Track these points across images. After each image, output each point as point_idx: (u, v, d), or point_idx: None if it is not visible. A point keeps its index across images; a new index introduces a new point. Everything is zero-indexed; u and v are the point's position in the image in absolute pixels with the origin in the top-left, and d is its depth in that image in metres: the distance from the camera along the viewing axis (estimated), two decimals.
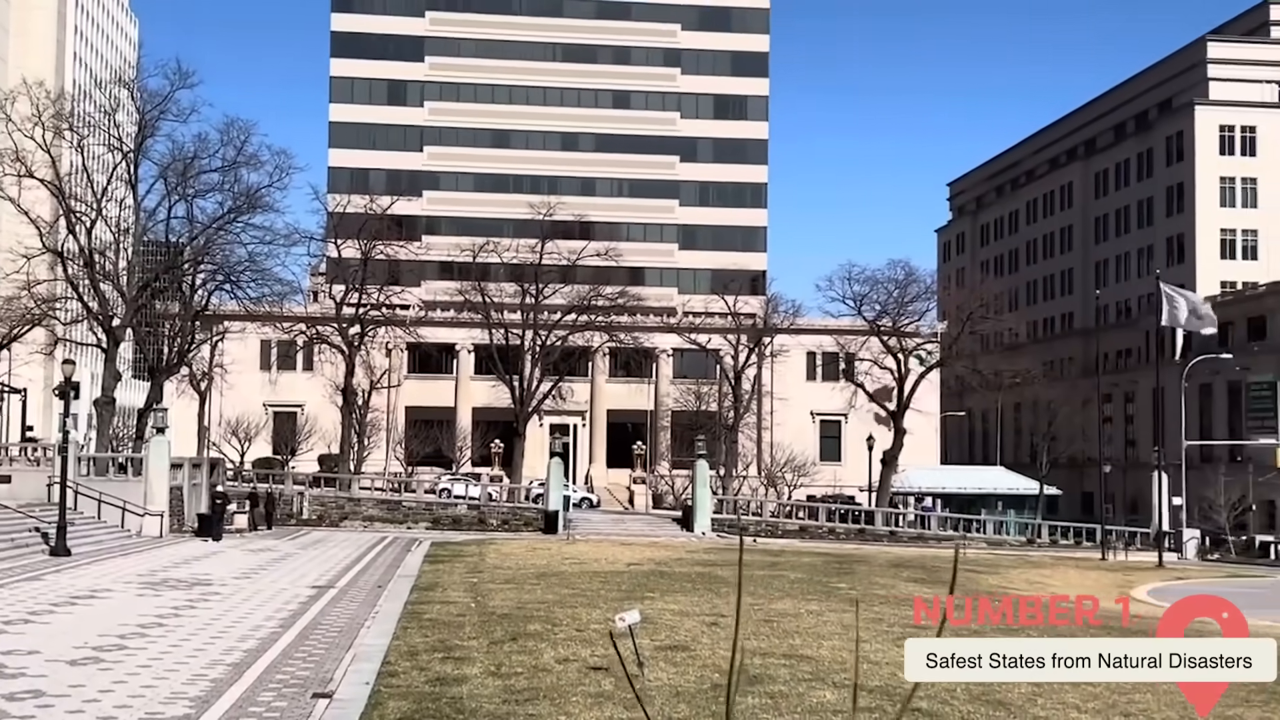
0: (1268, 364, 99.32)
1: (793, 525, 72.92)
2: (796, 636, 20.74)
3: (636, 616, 16.06)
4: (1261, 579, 52.41)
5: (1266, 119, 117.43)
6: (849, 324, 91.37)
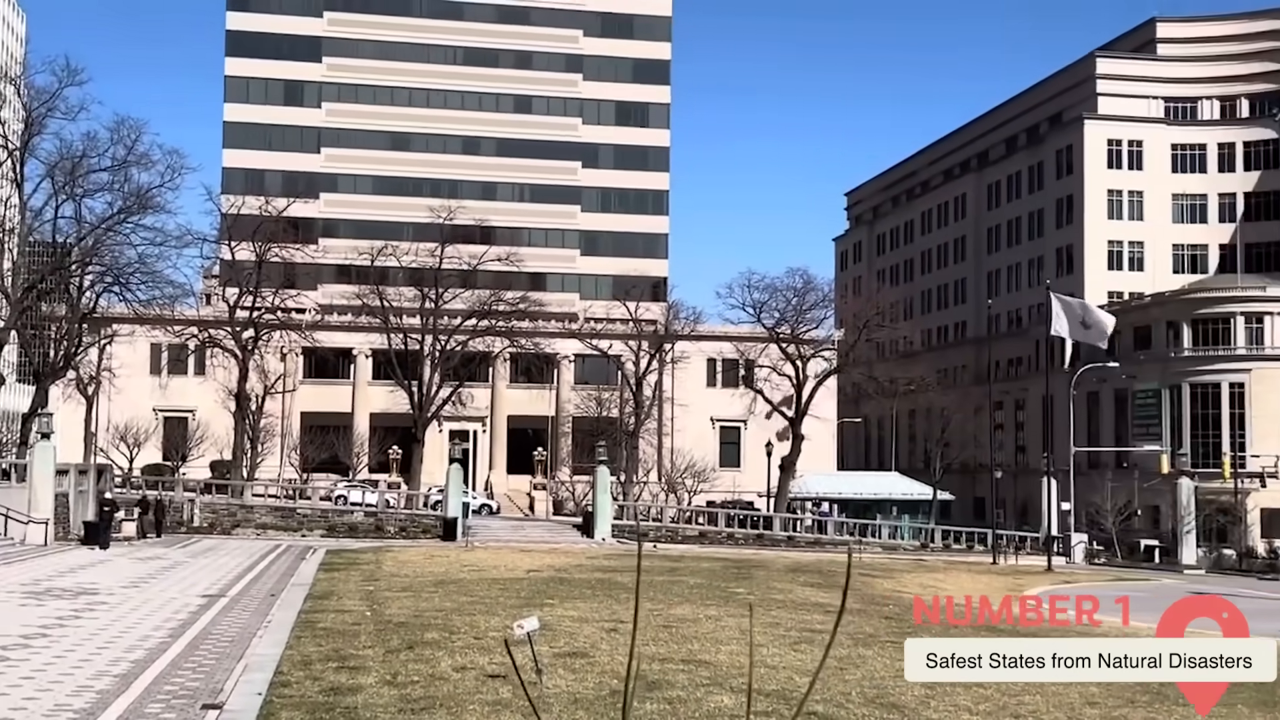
0: (1153, 372, 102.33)
1: (692, 531, 73.22)
2: (695, 642, 20.80)
3: (535, 624, 15.96)
4: (1145, 582, 53.89)
5: (1152, 133, 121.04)
6: (749, 331, 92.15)
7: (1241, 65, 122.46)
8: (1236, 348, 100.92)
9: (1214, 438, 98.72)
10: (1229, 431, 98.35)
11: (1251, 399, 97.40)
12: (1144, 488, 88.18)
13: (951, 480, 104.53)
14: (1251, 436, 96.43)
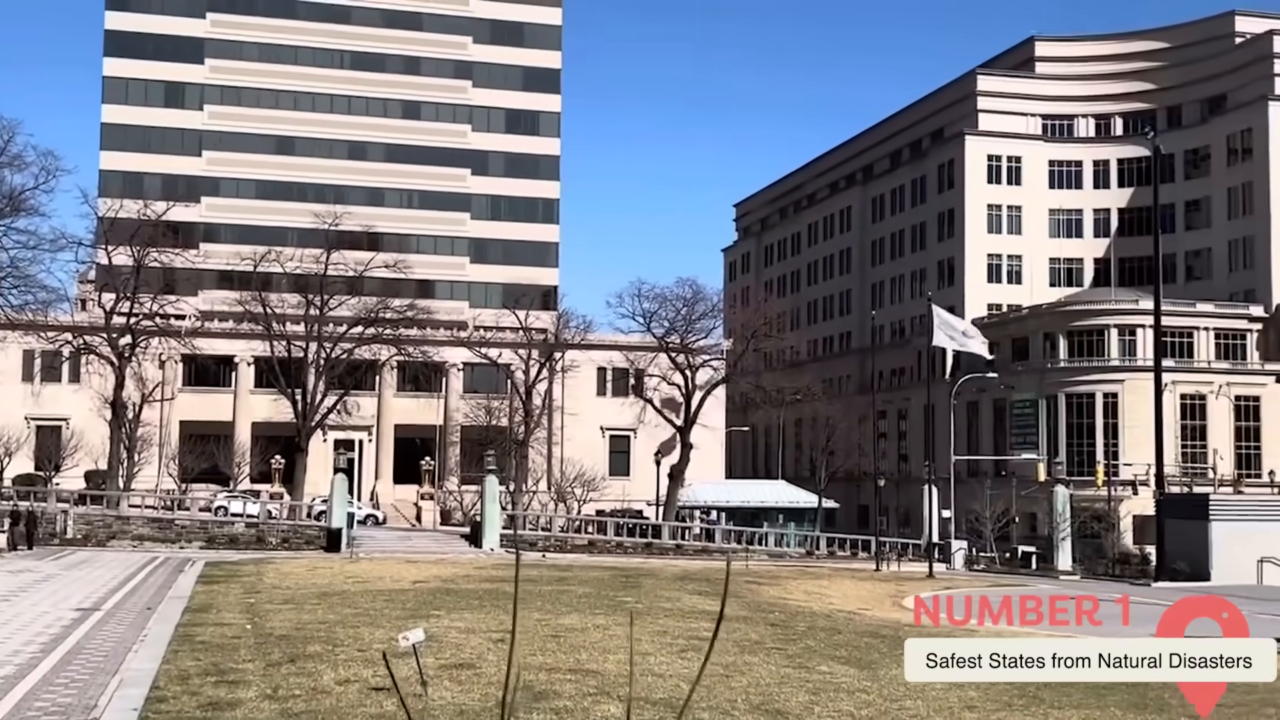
0: (1030, 383, 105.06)
1: (582, 540, 73.09)
2: (583, 651, 20.75)
3: (421, 635, 15.79)
4: (1021, 587, 55.20)
5: (1030, 150, 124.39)
6: (639, 340, 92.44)
7: (1116, 84, 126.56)
8: (1110, 359, 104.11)
9: (1088, 446, 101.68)
10: (1103, 440, 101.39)
11: (1124, 409, 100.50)
12: (1021, 495, 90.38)
13: (836, 488, 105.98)
14: (1124, 445, 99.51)
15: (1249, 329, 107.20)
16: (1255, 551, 57.86)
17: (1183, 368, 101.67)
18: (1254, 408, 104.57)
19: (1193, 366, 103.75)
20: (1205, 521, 59.82)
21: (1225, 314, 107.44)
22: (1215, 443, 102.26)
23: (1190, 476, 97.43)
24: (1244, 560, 57.41)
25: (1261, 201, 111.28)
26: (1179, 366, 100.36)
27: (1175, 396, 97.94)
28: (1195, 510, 62.79)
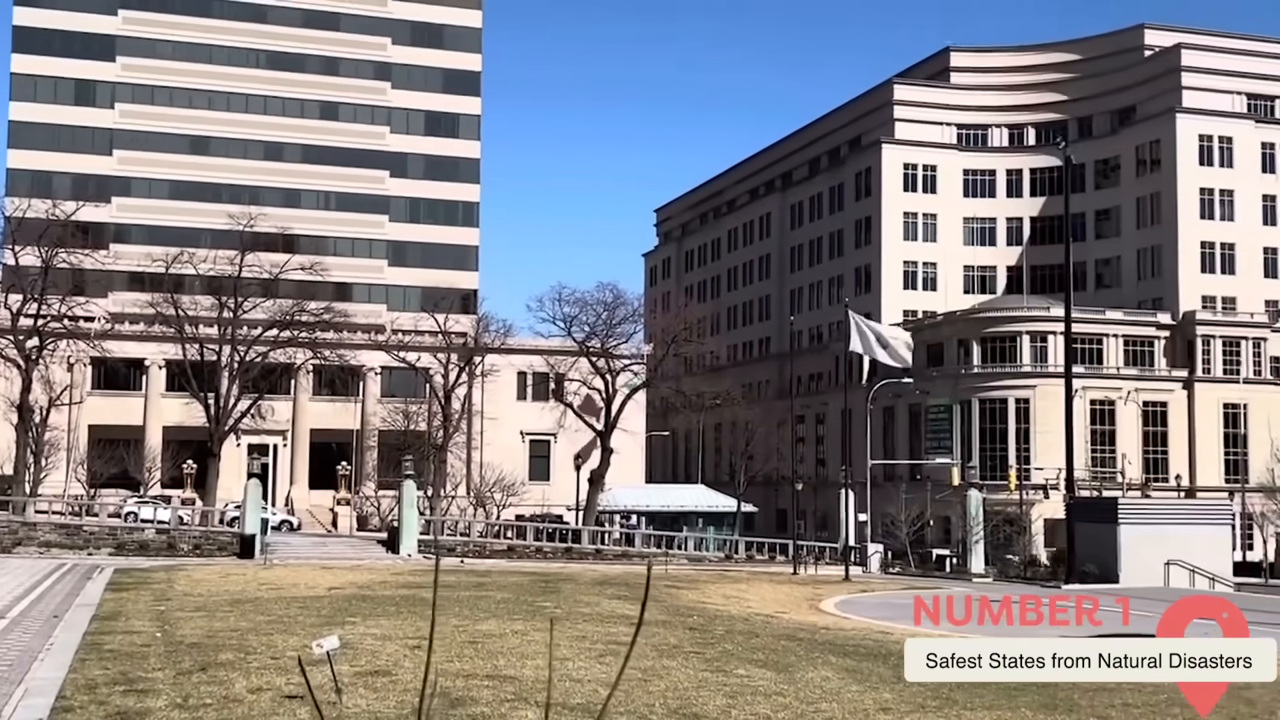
0: (945, 389, 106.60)
1: (501, 545, 72.71)
2: (501, 657, 20.63)
3: (335, 642, 15.58)
4: (935, 590, 55.95)
5: (945, 159, 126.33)
6: (559, 344, 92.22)
7: (1029, 95, 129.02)
8: (1022, 365, 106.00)
9: (1001, 451, 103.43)
10: (1015, 445, 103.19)
11: (1035, 414, 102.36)
12: (936, 499, 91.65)
13: (755, 492, 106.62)
14: (1035, 450, 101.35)
15: (1156, 336, 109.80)
16: (1162, 554, 59.18)
17: (1093, 374, 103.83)
18: (1161, 413, 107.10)
19: (1102, 373, 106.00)
20: (1114, 525, 61.05)
21: (1134, 321, 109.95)
22: (1124, 447, 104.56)
23: (1100, 481, 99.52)
24: (1151, 562, 58.69)
25: (1169, 212, 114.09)
26: (1089, 373, 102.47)
27: (1085, 402, 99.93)
28: (1104, 514, 64.04)
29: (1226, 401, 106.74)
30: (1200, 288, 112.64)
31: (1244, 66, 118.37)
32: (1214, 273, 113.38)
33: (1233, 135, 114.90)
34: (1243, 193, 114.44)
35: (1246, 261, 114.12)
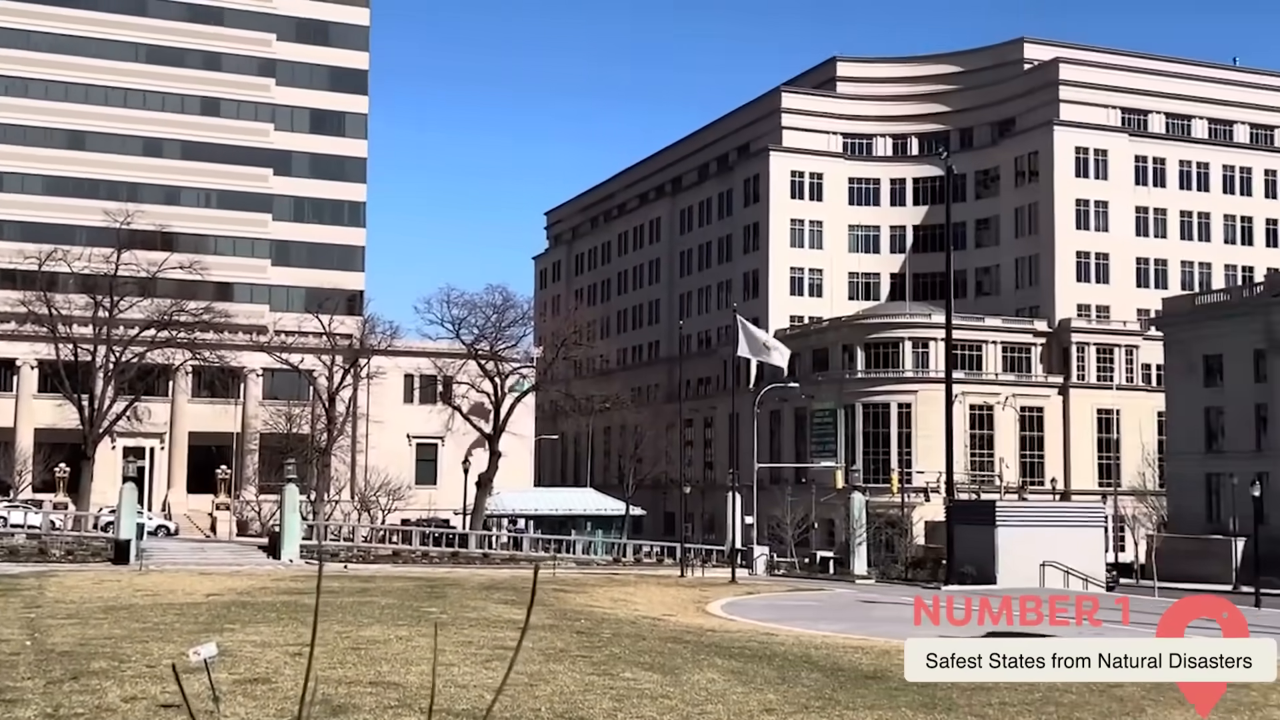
0: (830, 393, 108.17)
1: (386, 550, 71.80)
2: (385, 663, 20.35)
3: (213, 649, 15.19)
4: (819, 591, 56.71)
5: (831, 167, 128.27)
6: (447, 347, 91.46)
7: (913, 105, 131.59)
8: (904, 371, 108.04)
9: (884, 455, 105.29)
10: (897, 449, 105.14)
11: (917, 419, 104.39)
12: (821, 502, 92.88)
13: (644, 495, 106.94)
14: (917, 453, 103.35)
15: (1033, 343, 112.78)
16: (1038, 555, 60.62)
17: (972, 379, 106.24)
18: (1038, 418, 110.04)
19: (981, 378, 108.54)
20: (991, 527, 62.37)
21: (1012, 328, 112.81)
22: (1002, 451, 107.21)
23: (979, 484, 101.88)
24: (1027, 563, 60.09)
25: (1046, 222, 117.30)
26: (969, 378, 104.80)
27: (965, 407, 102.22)
28: (982, 516, 65.39)
29: (1100, 407, 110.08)
30: (1076, 296, 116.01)
31: (1119, 81, 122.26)
32: (1089, 282, 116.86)
33: (1108, 148, 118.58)
34: (1117, 204, 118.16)
35: (1120, 271, 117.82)
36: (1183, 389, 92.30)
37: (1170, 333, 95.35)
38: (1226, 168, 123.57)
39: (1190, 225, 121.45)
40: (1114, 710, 17.32)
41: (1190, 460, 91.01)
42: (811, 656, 23.99)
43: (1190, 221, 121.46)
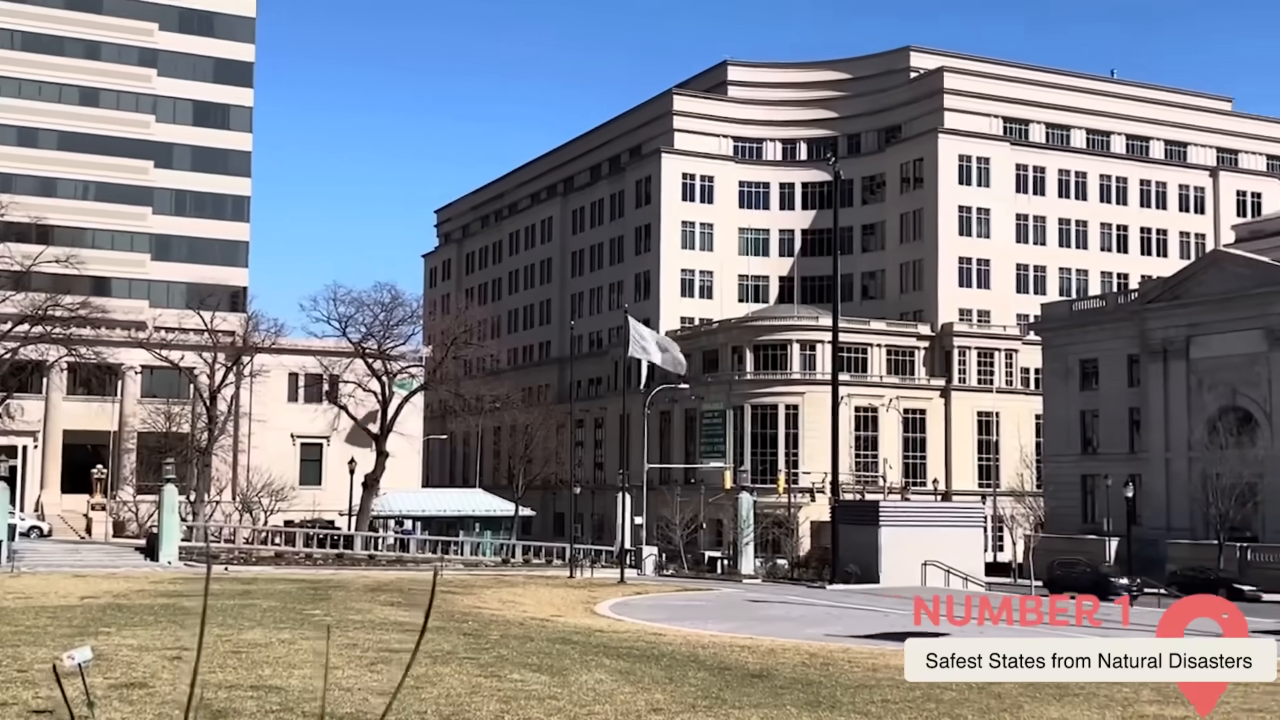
0: (719, 394, 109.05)
1: (268, 552, 70.58)
2: (266, 667, 19.98)
3: (88, 654, 14.74)
4: (707, 591, 57.14)
5: (722, 170, 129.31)
6: (334, 345, 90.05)
7: (802, 111, 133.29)
8: (792, 373, 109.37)
9: (772, 455, 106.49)
10: (785, 450, 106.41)
11: (804, 420, 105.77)
12: (710, 502, 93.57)
13: (534, 496, 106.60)
14: (804, 454, 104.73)
15: (917, 346, 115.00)
16: (920, 555, 61.90)
17: (857, 381, 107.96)
18: (920, 420, 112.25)
19: (866, 380, 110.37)
20: (875, 527, 63.54)
21: (896, 332, 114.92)
22: (886, 452, 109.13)
23: (863, 484, 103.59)
24: (909, 563, 61.32)
25: (930, 228, 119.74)
26: (854, 380, 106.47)
27: (850, 408, 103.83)
28: (866, 516, 66.60)
29: (980, 410, 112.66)
30: (958, 301, 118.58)
31: (1001, 91, 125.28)
32: (971, 287, 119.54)
33: (990, 156, 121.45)
34: (998, 211, 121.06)
35: (1000, 277, 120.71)
36: (1059, 392, 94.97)
37: (1048, 338, 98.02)
38: (1104, 177, 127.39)
39: (1068, 233, 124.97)
40: (993, 707, 17.72)
41: (1066, 462, 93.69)
42: (699, 656, 24.15)
43: (1068, 229, 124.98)
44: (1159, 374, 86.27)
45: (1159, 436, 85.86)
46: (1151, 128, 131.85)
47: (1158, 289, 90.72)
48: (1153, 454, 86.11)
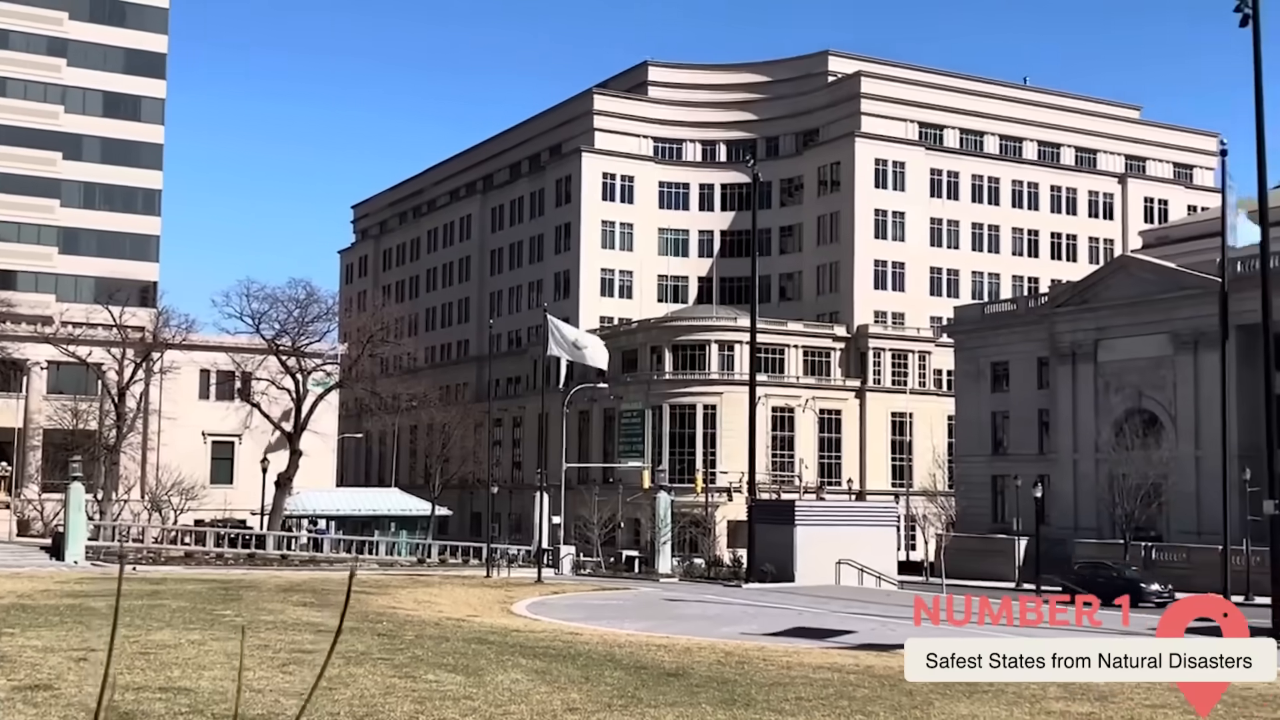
0: (638, 394, 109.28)
1: (178, 551, 69.38)
2: (176, 668, 19.66)
3: None
4: (624, 591, 57.19)
5: (643, 170, 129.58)
6: (247, 342, 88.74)
7: (721, 113, 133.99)
8: (710, 373, 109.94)
9: (690, 455, 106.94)
10: (702, 449, 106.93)
11: (722, 420, 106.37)
12: (628, 501, 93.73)
13: (451, 495, 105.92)
14: (721, 454, 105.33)
15: (833, 347, 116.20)
16: (834, 553, 62.44)
17: (775, 382, 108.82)
18: (836, 420, 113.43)
19: (783, 381, 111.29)
20: (791, 526, 63.96)
21: (812, 333, 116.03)
22: (802, 452, 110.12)
23: (779, 484, 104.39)
24: (824, 562, 61.83)
25: (846, 231, 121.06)
26: (771, 381, 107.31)
27: (767, 409, 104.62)
28: (782, 516, 67.01)
29: (894, 410, 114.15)
30: (873, 303, 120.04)
31: (917, 96, 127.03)
32: (886, 289, 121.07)
33: (906, 160, 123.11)
34: (913, 215, 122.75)
35: (915, 279, 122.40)
36: (971, 394, 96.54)
37: (960, 340, 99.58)
38: (1015, 183, 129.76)
39: (981, 237, 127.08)
40: (904, 704, 17.98)
41: (977, 462, 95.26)
42: (615, 655, 24.18)
43: (981, 233, 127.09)
44: (1068, 376, 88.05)
45: (1067, 438, 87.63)
46: (1062, 135, 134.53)
47: (1067, 293, 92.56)
48: (1061, 455, 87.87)
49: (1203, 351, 76.75)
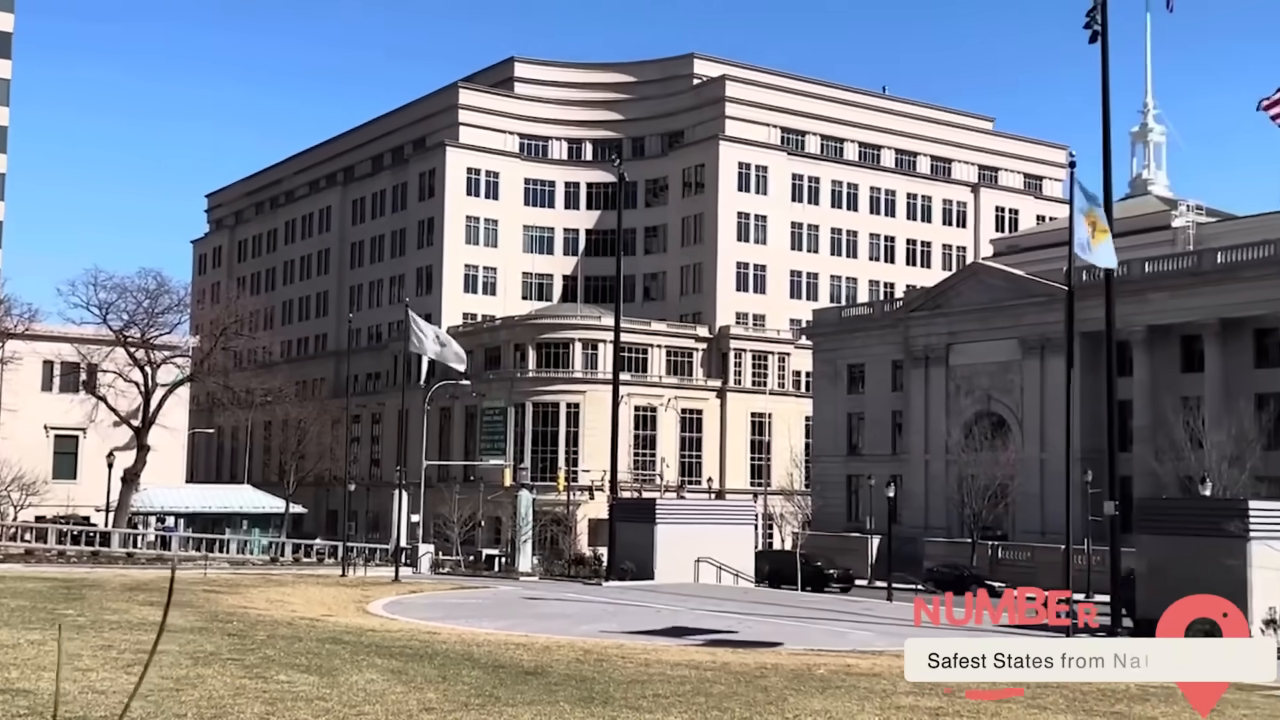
0: (501, 391, 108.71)
1: (18, 549, 66.80)
2: (13, 669, 18.91)
3: None
4: (483, 589, 56.83)
5: (508, 166, 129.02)
6: (93, 333, 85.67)
7: (588, 111, 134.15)
8: (574, 371, 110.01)
9: (552, 453, 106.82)
10: (565, 448, 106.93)
11: (585, 419, 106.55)
12: (489, 499, 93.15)
13: (306, 493, 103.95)
14: (584, 452, 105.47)
15: (695, 348, 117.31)
16: (694, 551, 62.95)
17: (638, 381, 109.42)
18: (697, 420, 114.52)
19: (646, 380, 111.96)
20: (651, 525, 64.27)
21: (676, 333, 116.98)
22: (664, 451, 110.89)
23: (641, 482, 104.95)
24: (684, 560, 62.30)
25: (710, 232, 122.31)
26: (635, 380, 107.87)
27: (630, 408, 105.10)
28: (643, 514, 67.27)
29: (754, 410, 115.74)
30: (735, 304, 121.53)
31: (780, 102, 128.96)
32: (748, 291, 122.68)
33: (768, 164, 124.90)
34: (775, 219, 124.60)
35: (776, 282, 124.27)
36: (828, 395, 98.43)
37: (818, 342, 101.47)
38: (874, 189, 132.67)
39: (840, 242, 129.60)
40: (759, 700, 18.22)
41: (833, 462, 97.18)
42: (473, 654, 24.01)
43: (840, 238, 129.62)
44: (920, 379, 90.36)
45: (919, 439, 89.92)
46: (919, 144, 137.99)
47: (921, 298, 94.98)
48: (913, 455, 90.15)
49: (1049, 357, 79.53)
